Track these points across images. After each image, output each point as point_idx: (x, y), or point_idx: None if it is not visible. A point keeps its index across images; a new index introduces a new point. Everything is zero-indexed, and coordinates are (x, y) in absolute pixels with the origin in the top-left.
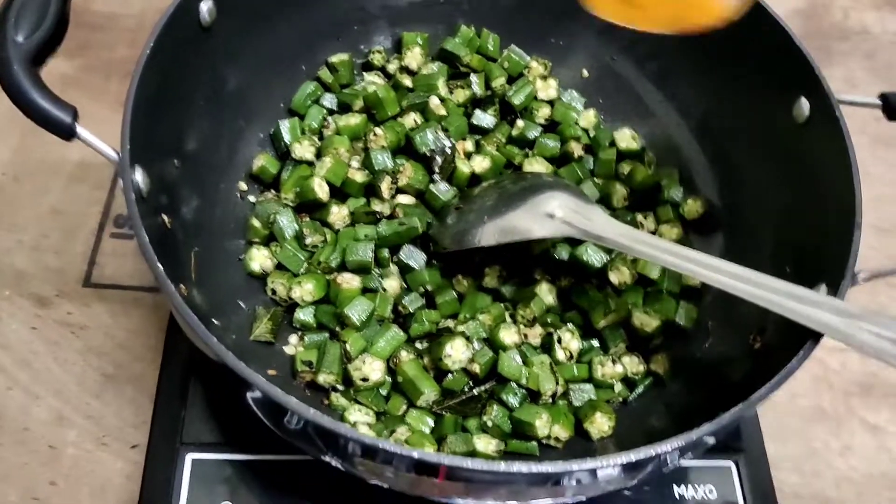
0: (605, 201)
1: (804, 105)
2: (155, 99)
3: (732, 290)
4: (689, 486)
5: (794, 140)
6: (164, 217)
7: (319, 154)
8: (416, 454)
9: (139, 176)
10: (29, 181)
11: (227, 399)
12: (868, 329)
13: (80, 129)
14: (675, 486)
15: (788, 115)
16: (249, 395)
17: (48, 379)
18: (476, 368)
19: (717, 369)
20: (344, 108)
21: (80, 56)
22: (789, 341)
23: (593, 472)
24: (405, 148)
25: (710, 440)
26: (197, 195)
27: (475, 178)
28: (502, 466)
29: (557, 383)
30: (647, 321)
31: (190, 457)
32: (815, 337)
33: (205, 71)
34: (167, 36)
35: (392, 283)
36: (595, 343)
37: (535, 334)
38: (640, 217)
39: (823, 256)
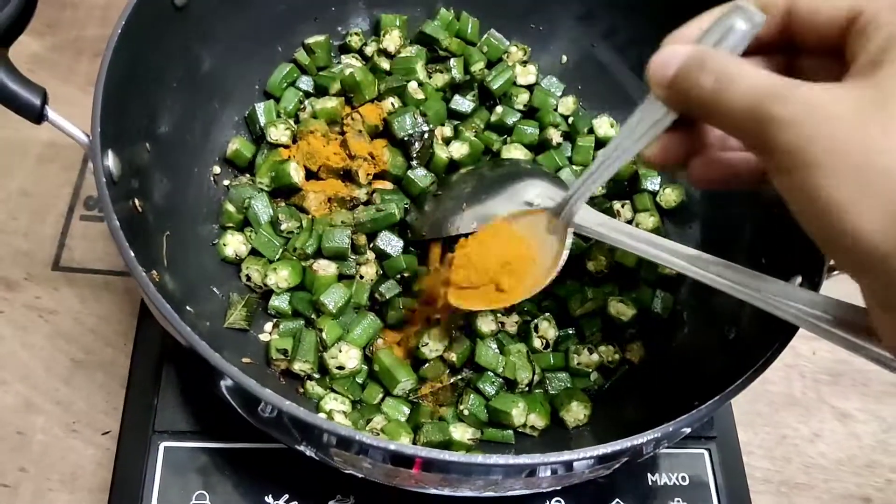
0: None
1: None
2: (126, 81)
3: (707, 281)
4: (663, 473)
5: None
6: (136, 201)
7: (295, 138)
8: (392, 446)
9: (110, 160)
10: None
11: (201, 387)
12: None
13: (50, 113)
14: (648, 474)
15: None
16: (223, 383)
17: (15, 364)
18: (453, 357)
19: (692, 358)
20: (321, 90)
21: (48, 35)
22: (763, 332)
23: (569, 463)
24: (383, 132)
25: (686, 430)
26: (169, 179)
27: (453, 164)
28: (479, 459)
29: (534, 372)
30: (622, 310)
31: (163, 445)
32: (790, 329)
33: (178, 52)
34: (139, 15)
35: (369, 270)
36: (571, 331)
37: (512, 322)
38: (617, 205)
39: (799, 249)
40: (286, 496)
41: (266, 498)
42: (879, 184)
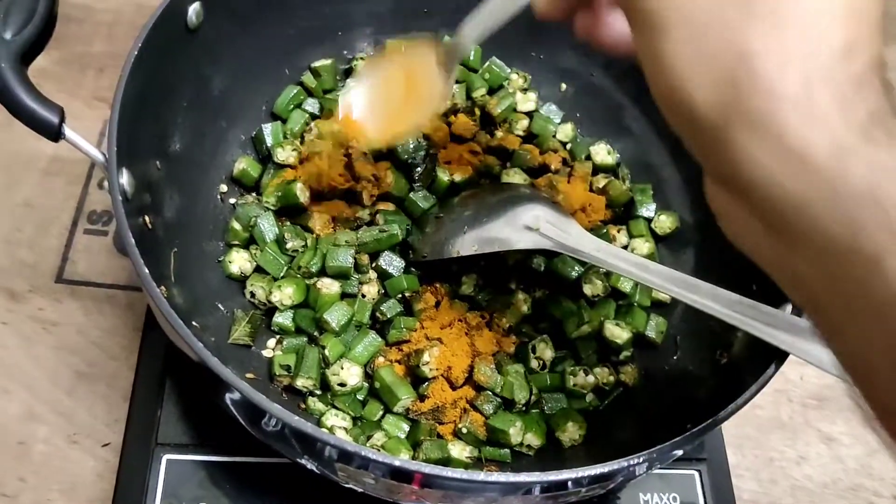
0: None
1: None
2: (140, 100)
3: (699, 306)
4: (655, 493)
5: None
6: (146, 217)
7: (301, 159)
8: (395, 462)
9: (124, 177)
10: (2, 174)
11: (203, 400)
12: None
13: (67, 131)
14: (640, 493)
15: None
16: (229, 396)
17: (19, 374)
18: (453, 376)
19: (684, 382)
20: (326, 113)
21: (54, 49)
22: (754, 357)
23: (565, 482)
24: (386, 155)
25: (678, 452)
26: (178, 196)
27: (454, 187)
28: (479, 476)
29: (531, 392)
30: (618, 333)
31: (165, 457)
32: (780, 356)
33: (189, 73)
34: (154, 36)
35: (371, 289)
36: (568, 353)
37: (510, 343)
38: (613, 231)
39: None
40: None
41: None
42: (715, 54)
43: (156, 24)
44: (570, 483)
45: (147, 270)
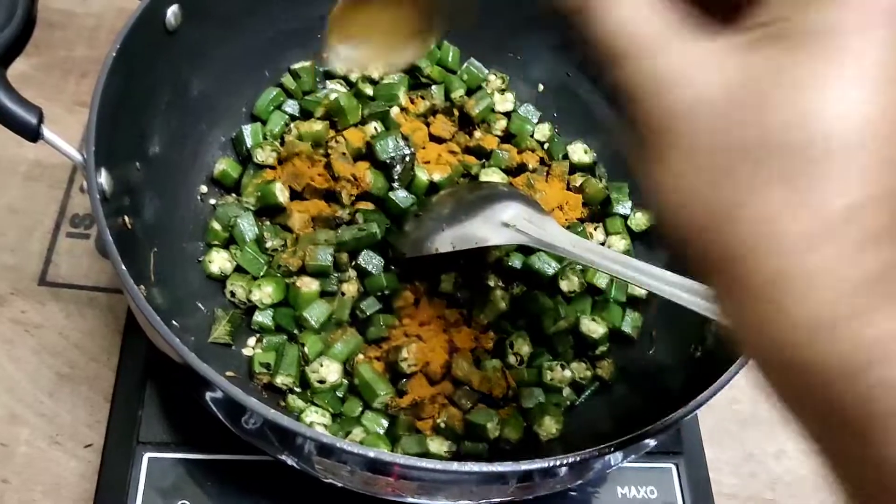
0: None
1: None
2: (119, 102)
3: (671, 297)
4: (632, 486)
5: None
6: (126, 218)
7: (281, 159)
8: (371, 453)
9: (103, 178)
10: None
11: (184, 399)
12: None
13: (45, 132)
14: (618, 487)
15: None
16: (210, 395)
17: (1, 376)
18: (431, 371)
19: (660, 376)
20: (306, 114)
21: (36, 54)
22: (727, 350)
23: (541, 471)
24: (366, 155)
25: (651, 442)
26: (158, 197)
27: (433, 187)
28: (454, 466)
29: (509, 387)
30: (594, 328)
31: (147, 456)
32: None
33: (169, 74)
34: (133, 39)
35: (350, 288)
36: (545, 349)
37: (489, 339)
38: (590, 228)
39: None
40: None
41: None
42: (712, 196)
43: (134, 25)
44: (544, 472)
45: (125, 269)
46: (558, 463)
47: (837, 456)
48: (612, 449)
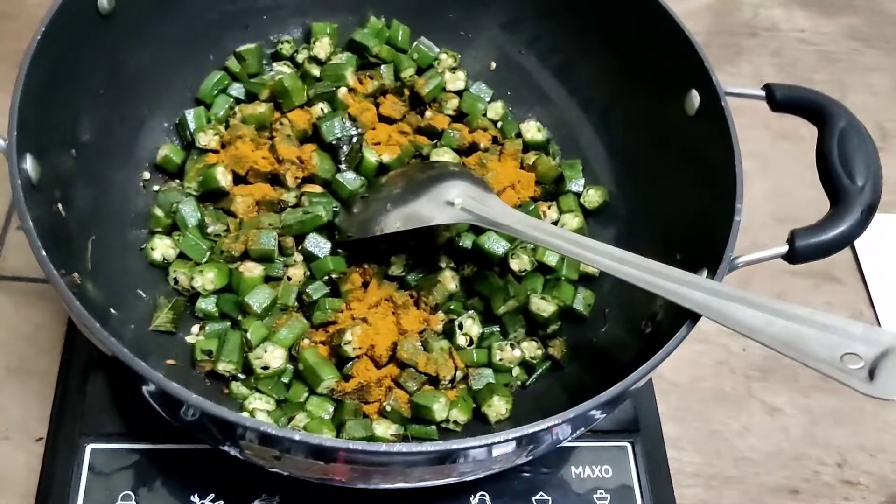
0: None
1: (695, 97)
2: (48, 87)
3: (617, 273)
4: (586, 466)
5: (685, 132)
6: (59, 206)
7: (224, 143)
8: (296, 437)
9: (28, 164)
10: None
11: (128, 389)
12: (738, 308)
13: None
14: (572, 467)
15: (680, 108)
16: (144, 388)
17: None
18: (376, 354)
19: (611, 353)
20: (251, 97)
21: None
22: (676, 325)
23: (484, 448)
24: (312, 137)
25: (597, 414)
26: (95, 184)
27: (383, 168)
28: (395, 447)
29: (456, 368)
30: (543, 307)
31: (89, 447)
32: (693, 318)
33: (104, 59)
34: (60, 22)
35: (297, 272)
36: (495, 329)
37: (438, 321)
38: (543, 207)
39: (708, 244)
40: (212, 496)
41: (192, 497)
42: None
43: (60, 8)
44: (489, 450)
45: (45, 253)
46: (502, 439)
47: None
48: (556, 422)
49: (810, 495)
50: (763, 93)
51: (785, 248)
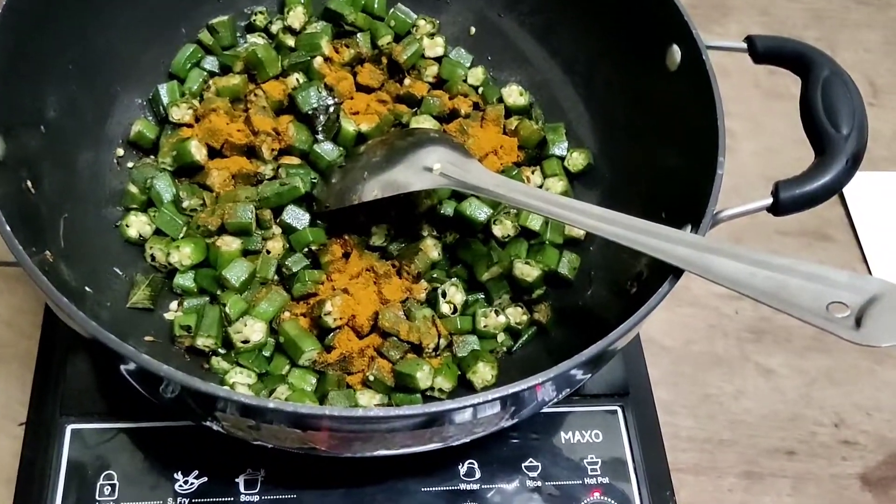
0: None
1: (676, 53)
2: (13, 63)
3: (600, 232)
4: (576, 431)
5: (668, 89)
6: (28, 183)
7: (198, 117)
8: (273, 405)
9: None
10: None
11: (107, 368)
12: (721, 260)
13: None
14: (562, 433)
15: (662, 65)
16: (122, 367)
17: None
18: (357, 324)
19: (597, 315)
20: (225, 70)
21: None
22: (659, 283)
23: (466, 410)
24: (289, 108)
25: (580, 374)
26: (66, 162)
27: (361, 137)
28: (373, 412)
29: (440, 336)
30: (527, 271)
31: (70, 427)
32: (675, 273)
33: (73, 34)
34: None
35: (275, 245)
36: (480, 296)
37: (421, 289)
38: (527, 172)
39: (691, 200)
40: (195, 472)
41: (175, 475)
42: None
43: None
44: (471, 412)
45: (10, 229)
46: (479, 400)
47: None
48: (542, 380)
49: (807, 456)
50: (745, 45)
51: (769, 201)
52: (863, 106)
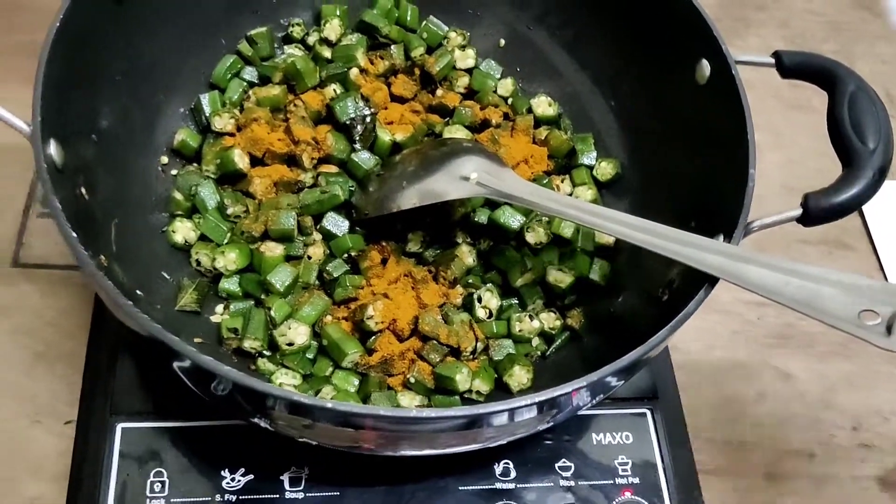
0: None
1: (705, 67)
2: (68, 74)
3: (634, 241)
4: (607, 433)
5: (696, 102)
6: (82, 190)
7: (240, 126)
8: (329, 404)
9: (52, 149)
10: None
11: (156, 368)
12: (755, 269)
13: None
14: (593, 434)
15: (691, 78)
16: (176, 364)
17: None
18: (398, 328)
19: (629, 322)
20: (264, 80)
21: (3, 37)
22: (692, 291)
23: (507, 413)
24: (326, 118)
25: (616, 380)
26: (116, 169)
27: (396, 147)
28: (425, 413)
29: (477, 339)
30: (560, 278)
31: (120, 426)
32: (711, 281)
33: (120, 46)
34: (76, 10)
35: (316, 251)
36: (514, 301)
37: (457, 294)
38: (556, 181)
39: (722, 210)
40: (242, 470)
41: (222, 472)
42: None
43: None
44: (512, 415)
45: (75, 235)
46: (521, 404)
47: None
48: (578, 386)
49: (827, 458)
50: (772, 60)
51: (799, 211)
52: (888, 120)
